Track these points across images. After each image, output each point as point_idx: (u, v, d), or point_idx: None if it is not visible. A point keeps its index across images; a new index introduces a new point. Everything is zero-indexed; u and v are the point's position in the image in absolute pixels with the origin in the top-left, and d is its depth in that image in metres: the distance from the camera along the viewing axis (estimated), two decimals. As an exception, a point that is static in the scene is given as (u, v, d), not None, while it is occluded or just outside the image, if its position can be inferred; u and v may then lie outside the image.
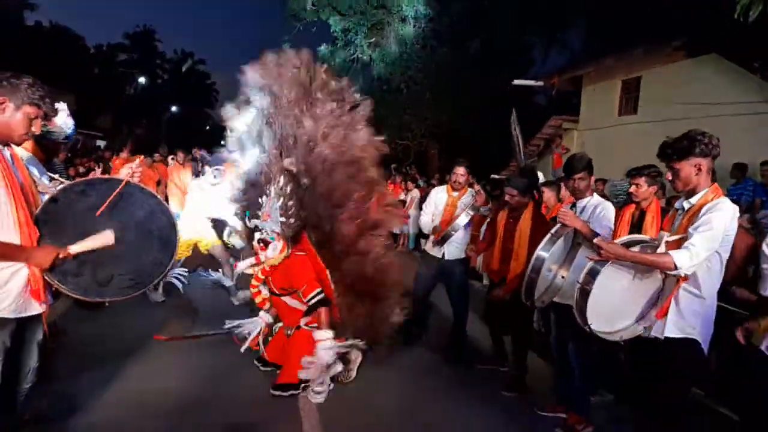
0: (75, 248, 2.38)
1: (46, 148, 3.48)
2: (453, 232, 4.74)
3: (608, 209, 3.49)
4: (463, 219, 4.73)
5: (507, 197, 4.12)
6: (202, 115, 50.96)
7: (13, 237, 2.23)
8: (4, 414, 2.41)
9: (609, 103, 12.62)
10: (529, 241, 3.91)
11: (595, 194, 3.61)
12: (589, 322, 2.65)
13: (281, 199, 3.82)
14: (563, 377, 3.78)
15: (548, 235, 3.09)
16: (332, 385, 3.93)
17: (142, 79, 39.63)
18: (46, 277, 2.36)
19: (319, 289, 3.93)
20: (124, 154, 7.13)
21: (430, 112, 18.81)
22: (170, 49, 48.54)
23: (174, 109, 43.64)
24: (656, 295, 2.72)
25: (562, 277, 3.27)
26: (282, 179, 3.85)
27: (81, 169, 10.90)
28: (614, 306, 2.72)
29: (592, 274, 2.62)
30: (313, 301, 3.91)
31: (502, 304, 4.21)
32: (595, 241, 2.68)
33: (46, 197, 2.45)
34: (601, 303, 2.63)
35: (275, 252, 3.93)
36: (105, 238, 2.44)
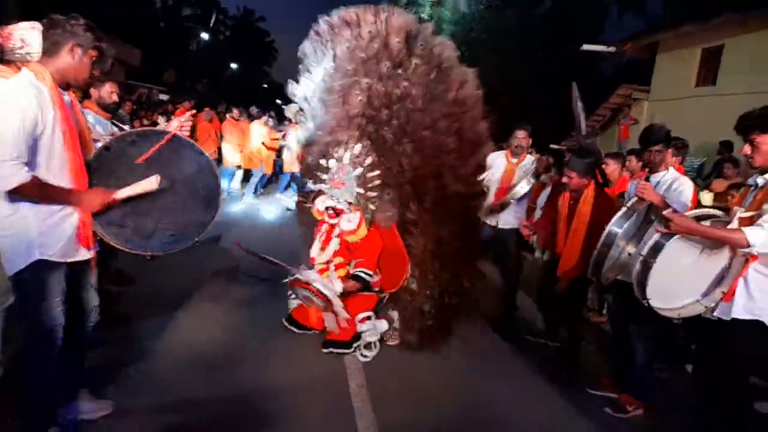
0: (122, 193, 2.39)
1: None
2: (512, 201, 4.58)
3: (686, 185, 3.21)
4: (523, 187, 4.54)
5: (565, 179, 3.93)
6: (261, 73, 51.60)
7: (66, 182, 2.26)
8: (73, 347, 2.52)
9: (686, 73, 11.80)
10: (589, 223, 3.72)
11: (671, 168, 3.34)
12: (648, 297, 2.58)
13: (357, 168, 3.71)
14: (618, 356, 3.66)
15: (623, 209, 2.96)
16: (378, 348, 3.94)
17: (204, 35, 40.13)
18: (94, 226, 2.41)
19: (371, 272, 3.87)
20: (186, 105, 7.23)
21: (491, 77, 18.17)
22: (232, 6, 48.91)
23: (234, 66, 44.25)
24: (721, 275, 2.64)
25: (629, 254, 3.11)
26: (358, 147, 3.73)
27: (146, 122, 11.12)
28: (676, 282, 2.64)
29: (657, 248, 2.55)
30: (359, 275, 3.85)
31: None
32: (664, 213, 2.57)
33: (99, 145, 2.49)
34: (663, 278, 2.56)
35: (351, 225, 3.81)
36: (149, 183, 2.43)
